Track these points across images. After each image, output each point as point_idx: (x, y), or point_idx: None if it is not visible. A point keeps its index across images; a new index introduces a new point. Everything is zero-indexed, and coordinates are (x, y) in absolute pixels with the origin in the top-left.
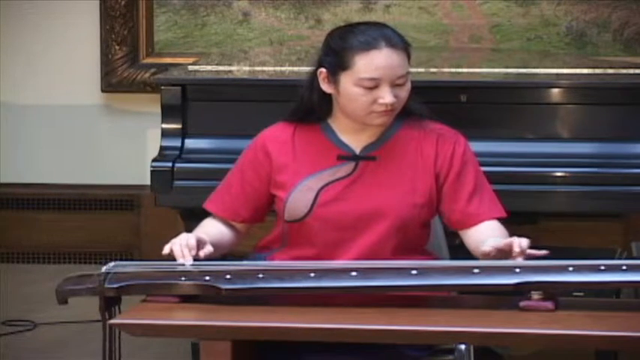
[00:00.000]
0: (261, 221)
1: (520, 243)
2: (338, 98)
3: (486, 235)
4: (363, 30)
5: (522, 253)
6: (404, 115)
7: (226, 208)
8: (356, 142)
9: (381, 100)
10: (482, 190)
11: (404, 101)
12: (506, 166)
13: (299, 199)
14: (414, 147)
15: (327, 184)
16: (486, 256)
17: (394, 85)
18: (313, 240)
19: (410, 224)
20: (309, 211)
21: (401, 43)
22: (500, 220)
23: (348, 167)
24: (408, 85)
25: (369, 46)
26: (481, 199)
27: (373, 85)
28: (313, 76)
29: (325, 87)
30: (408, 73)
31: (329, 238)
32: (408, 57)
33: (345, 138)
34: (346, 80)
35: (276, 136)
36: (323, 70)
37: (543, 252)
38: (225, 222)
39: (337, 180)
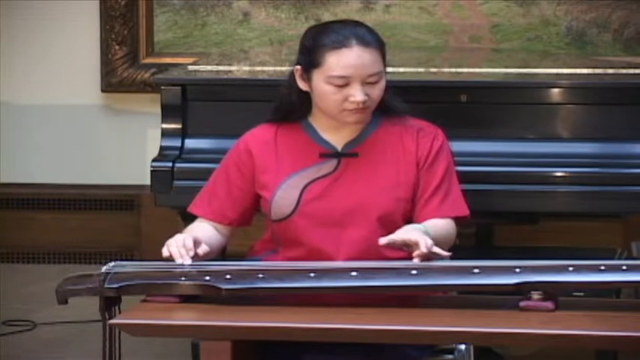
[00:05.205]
0: (248, 224)
1: (426, 244)
2: (313, 96)
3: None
4: (335, 28)
5: (422, 255)
6: (384, 112)
7: (213, 210)
8: (337, 140)
9: (351, 99)
10: (446, 188)
11: (377, 100)
12: (506, 166)
13: (284, 197)
14: (396, 142)
15: (310, 182)
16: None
17: (365, 84)
18: (301, 238)
19: (395, 219)
20: (295, 209)
21: (374, 42)
22: (463, 219)
23: (330, 165)
24: (382, 84)
25: (339, 45)
26: (443, 198)
27: (344, 83)
28: (292, 74)
29: (301, 84)
30: (382, 71)
31: (316, 235)
32: (383, 56)
33: (326, 136)
34: (318, 78)
35: (259, 136)
36: (298, 67)
37: (446, 253)
38: (212, 225)
39: (321, 177)
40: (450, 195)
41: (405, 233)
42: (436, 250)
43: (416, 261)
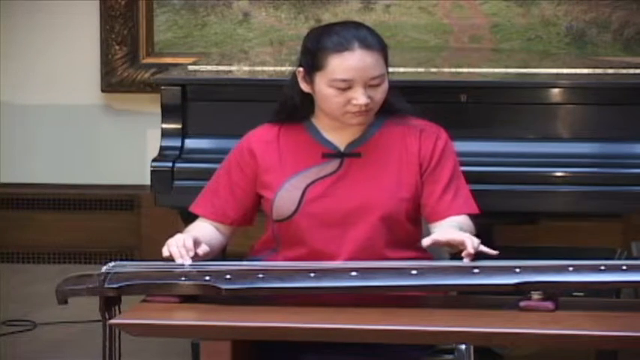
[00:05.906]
0: (250, 224)
1: (473, 244)
2: (316, 98)
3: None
4: (337, 31)
5: (471, 255)
6: (387, 112)
7: (215, 210)
8: (340, 140)
9: (354, 102)
10: (455, 186)
11: (380, 102)
12: (506, 166)
13: (286, 197)
14: (398, 142)
15: (313, 182)
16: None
17: (368, 86)
18: (303, 238)
19: (397, 218)
20: (297, 209)
21: (376, 45)
22: (473, 216)
23: (333, 164)
24: (385, 86)
25: (341, 48)
26: (454, 195)
27: (346, 86)
28: (294, 75)
29: (303, 86)
30: (384, 74)
31: (318, 235)
32: (385, 58)
33: (329, 136)
34: (320, 81)
35: (261, 136)
36: (301, 69)
37: (494, 252)
38: (213, 225)
39: (323, 177)
40: (460, 192)
41: (449, 233)
42: (483, 248)
43: (466, 261)
